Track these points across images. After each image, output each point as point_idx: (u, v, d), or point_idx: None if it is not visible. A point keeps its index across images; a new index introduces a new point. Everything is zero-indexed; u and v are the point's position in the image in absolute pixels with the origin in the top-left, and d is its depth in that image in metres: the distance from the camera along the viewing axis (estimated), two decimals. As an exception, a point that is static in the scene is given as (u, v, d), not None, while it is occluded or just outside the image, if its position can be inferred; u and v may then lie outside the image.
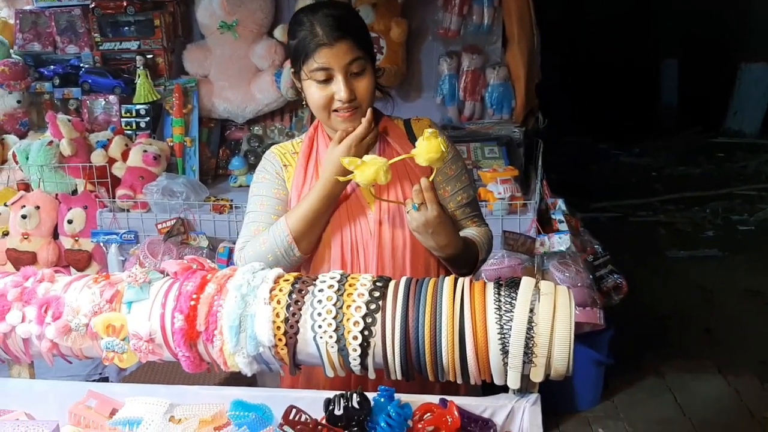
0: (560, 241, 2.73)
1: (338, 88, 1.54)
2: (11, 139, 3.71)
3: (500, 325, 1.19)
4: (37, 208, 3.35)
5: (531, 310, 1.19)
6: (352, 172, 1.49)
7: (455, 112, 3.68)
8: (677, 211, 6.11)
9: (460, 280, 1.28)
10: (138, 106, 3.67)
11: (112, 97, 3.70)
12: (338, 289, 1.28)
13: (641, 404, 3.35)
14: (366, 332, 1.23)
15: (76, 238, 3.29)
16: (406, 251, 1.63)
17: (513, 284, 1.25)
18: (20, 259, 3.29)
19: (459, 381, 1.25)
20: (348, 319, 1.24)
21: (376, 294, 1.26)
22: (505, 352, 1.19)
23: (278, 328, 1.26)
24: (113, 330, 1.30)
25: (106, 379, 3.16)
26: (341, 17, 1.55)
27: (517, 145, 3.45)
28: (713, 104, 8.25)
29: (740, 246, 5.34)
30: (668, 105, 9.01)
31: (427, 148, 1.49)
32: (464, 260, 1.64)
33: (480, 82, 3.63)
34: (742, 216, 5.90)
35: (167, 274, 1.39)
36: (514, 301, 1.21)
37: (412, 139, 1.66)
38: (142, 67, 3.64)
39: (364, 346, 1.24)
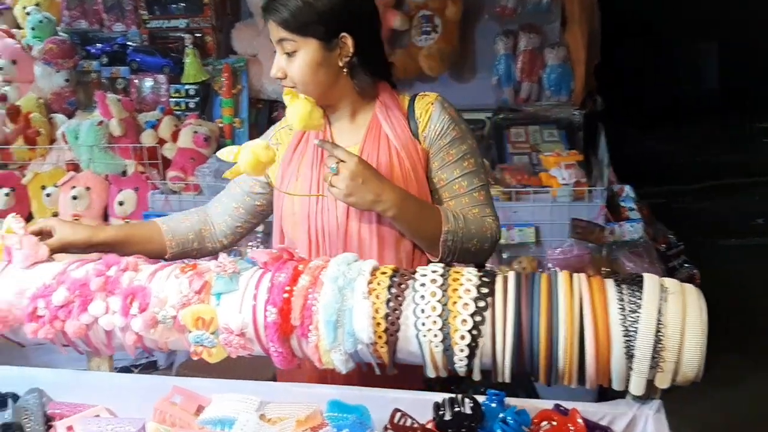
0: (632, 230, 2.62)
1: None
2: (59, 118, 3.67)
3: (624, 326, 1.10)
4: (88, 189, 3.32)
5: (659, 311, 1.09)
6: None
7: (511, 93, 3.57)
8: (723, 197, 5.93)
9: (576, 276, 1.18)
10: (187, 86, 3.62)
11: (160, 77, 3.65)
12: (442, 284, 1.19)
13: (706, 397, 3.24)
14: (474, 331, 1.15)
15: (127, 221, 3.24)
16: (373, 240, 1.52)
17: (635, 282, 1.15)
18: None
19: (573, 385, 1.17)
20: (455, 317, 1.16)
21: (485, 290, 1.17)
22: (629, 356, 1.10)
23: (378, 324, 1.18)
24: (203, 323, 1.23)
25: (154, 363, 3.13)
26: None
27: (577, 128, 3.33)
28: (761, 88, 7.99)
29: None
30: (711, 88, 8.76)
31: (293, 112, 1.41)
32: (420, 219, 1.48)
33: (537, 63, 3.51)
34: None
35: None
36: (639, 301, 1.11)
37: (413, 115, 1.55)
38: (190, 46, 3.58)
39: (473, 346, 1.15)
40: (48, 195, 3.38)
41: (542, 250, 2.83)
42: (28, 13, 3.76)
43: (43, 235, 1.48)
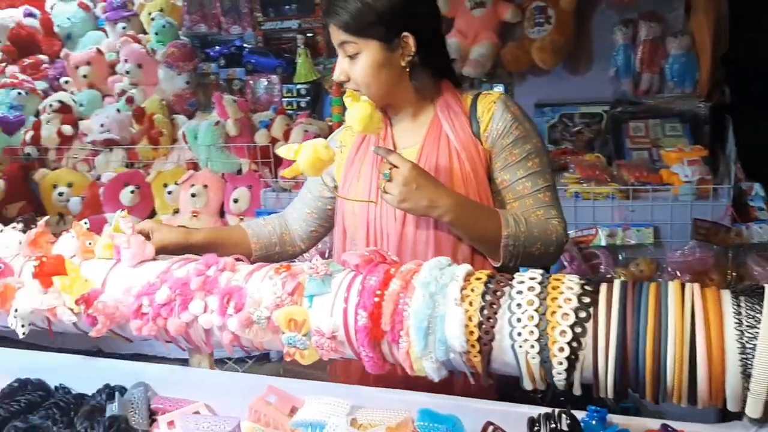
0: (761, 232, 2.41)
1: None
2: (181, 119, 3.85)
3: (741, 343, 0.99)
4: (205, 186, 3.45)
5: (783, 328, 0.98)
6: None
7: (630, 85, 3.38)
8: None
9: (688, 285, 1.08)
10: (298, 86, 3.69)
11: (273, 77, 3.74)
12: (540, 292, 1.12)
13: None
14: (574, 343, 1.07)
15: (241, 217, 3.35)
16: (429, 245, 1.47)
17: (755, 293, 1.04)
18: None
19: (683, 404, 1.07)
20: (553, 328, 1.09)
21: (586, 300, 1.09)
22: (746, 376, 0.99)
23: (471, 333, 1.13)
24: (295, 324, 1.22)
25: (267, 355, 3.20)
26: None
27: (702, 121, 3.11)
28: None
29: None
30: None
31: (353, 115, 1.35)
32: (478, 224, 1.42)
33: (659, 53, 3.30)
34: None
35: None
36: (758, 315, 1.00)
37: (475, 115, 1.49)
38: (302, 46, 3.64)
39: (572, 359, 1.08)
40: (169, 192, 3.55)
41: (662, 251, 2.66)
42: (152, 19, 3.96)
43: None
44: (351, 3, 1.43)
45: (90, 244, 1.46)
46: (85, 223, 1.51)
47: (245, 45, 3.86)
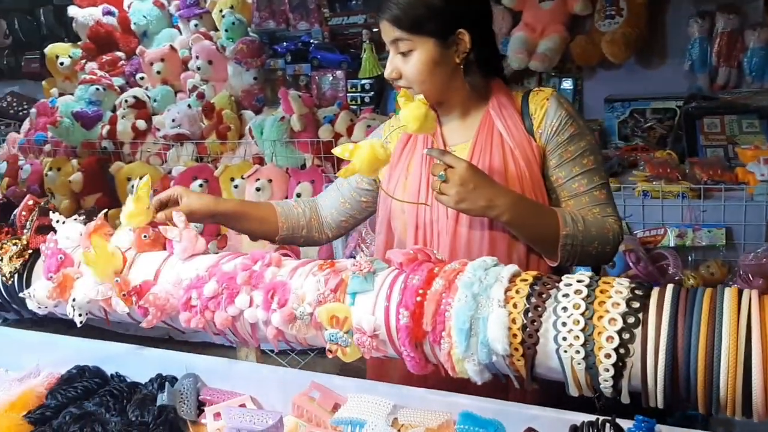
0: None
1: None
2: (248, 114, 3.91)
3: (804, 356, 0.93)
4: (270, 181, 3.50)
5: None
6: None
7: (706, 79, 3.25)
8: None
9: (746, 292, 1.02)
10: (363, 81, 3.69)
11: (338, 73, 3.76)
12: (587, 296, 1.08)
13: None
14: (622, 350, 1.03)
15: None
16: (484, 244, 1.43)
17: (821, 303, 0.97)
18: (253, 231, 3.46)
19: (737, 417, 1.01)
20: (600, 333, 1.04)
21: (636, 305, 1.05)
22: (809, 392, 0.93)
23: (514, 335, 1.10)
24: (337, 321, 1.22)
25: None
26: None
27: (783, 117, 2.95)
28: None
29: None
30: None
31: (409, 114, 1.30)
32: (536, 223, 1.38)
33: (737, 46, 3.16)
34: None
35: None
36: (824, 327, 0.93)
37: (527, 112, 1.46)
38: (367, 42, 3.64)
39: (619, 366, 1.03)
40: (236, 186, 3.61)
41: (734, 254, 2.53)
42: (223, 16, 4.04)
43: (171, 202, 1.55)
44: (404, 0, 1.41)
45: (145, 237, 1.49)
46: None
47: (312, 41, 3.89)
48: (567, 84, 3.56)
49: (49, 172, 4.17)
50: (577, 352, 1.05)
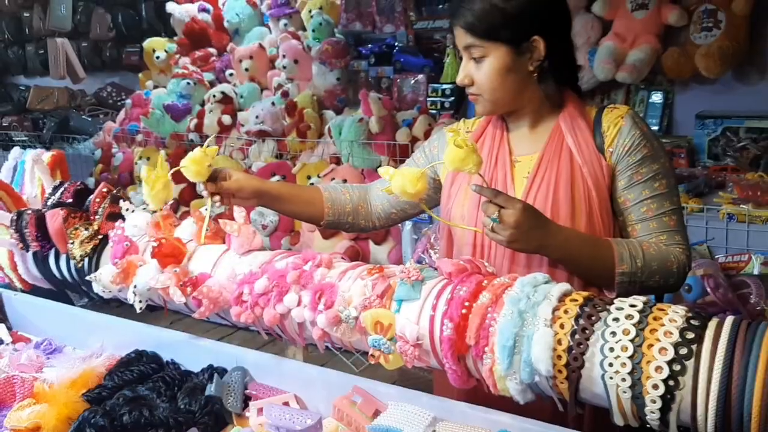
0: None
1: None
2: (329, 114, 3.96)
3: None
4: (345, 181, 3.52)
5: None
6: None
7: (808, 100, 3.04)
8: None
9: (814, 332, 0.95)
10: (444, 86, 3.66)
11: (420, 76, 3.75)
12: (639, 321, 1.03)
13: None
14: (671, 382, 0.97)
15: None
16: (544, 258, 1.37)
17: None
18: (326, 231, 3.49)
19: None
20: (648, 362, 0.99)
21: (690, 335, 0.99)
22: None
23: (559, 357, 1.06)
24: (381, 328, 1.21)
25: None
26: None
27: None
28: None
29: None
30: None
31: (452, 154, 1.25)
32: (590, 262, 1.34)
33: None
34: None
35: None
36: None
37: (599, 128, 1.40)
38: (451, 47, 3.61)
39: (667, 398, 0.98)
40: (311, 185, 3.66)
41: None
42: (311, 16, 4.10)
43: (220, 178, 1.56)
44: (478, 4, 1.38)
45: (207, 230, 1.53)
46: (207, 209, 1.58)
47: (396, 44, 3.90)
48: (657, 97, 3.41)
49: (138, 161, 4.35)
50: (623, 380, 1.01)
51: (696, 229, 2.58)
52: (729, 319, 1.00)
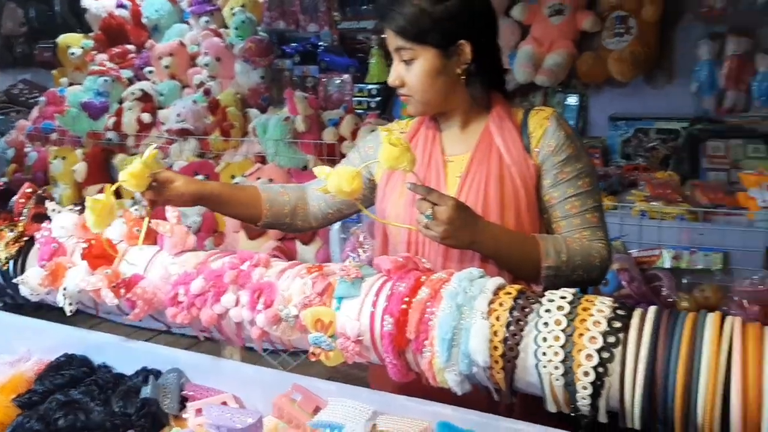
0: (842, 267, 2.26)
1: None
2: (253, 112, 3.93)
3: (782, 385, 0.93)
4: (271, 180, 3.50)
5: (829, 373, 0.91)
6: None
7: (712, 102, 3.24)
8: None
9: (729, 319, 1.02)
10: (370, 86, 3.69)
11: (346, 76, 3.77)
12: (569, 312, 1.08)
13: None
14: (600, 369, 1.03)
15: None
16: (476, 254, 1.42)
17: (803, 333, 0.97)
18: (252, 228, 3.47)
19: (715, 443, 1.01)
20: (579, 351, 1.05)
21: (617, 324, 1.05)
22: (786, 422, 0.93)
23: (495, 348, 1.10)
24: (322, 325, 1.22)
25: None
26: (397, 1, 1.41)
27: (788, 144, 2.94)
28: None
29: None
30: None
31: (383, 153, 1.30)
32: (519, 257, 1.39)
33: (747, 70, 3.15)
34: None
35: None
36: (803, 357, 0.93)
37: (526, 129, 1.46)
38: (376, 47, 3.65)
39: (597, 384, 1.03)
40: (240, 184, 3.62)
41: (730, 279, 2.52)
42: (234, 14, 4.06)
43: (160, 185, 1.53)
44: (408, 8, 1.41)
45: (137, 230, 1.50)
46: (136, 209, 1.56)
47: (321, 43, 3.90)
48: (572, 100, 3.56)
49: (53, 161, 4.19)
50: (556, 368, 1.06)
51: (611, 225, 2.67)
52: (652, 309, 1.07)
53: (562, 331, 1.06)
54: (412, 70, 1.44)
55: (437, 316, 1.14)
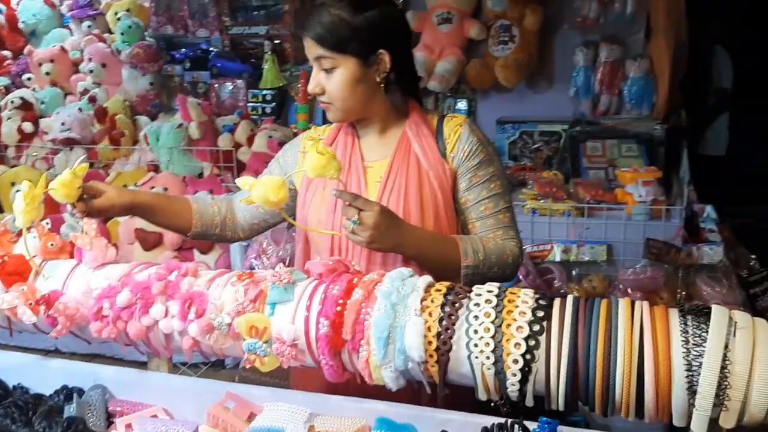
0: (711, 253, 2.50)
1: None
2: (143, 120, 3.82)
3: (688, 360, 1.04)
4: (166, 189, 3.42)
5: (726, 346, 1.03)
6: None
7: (589, 105, 3.46)
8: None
9: (638, 303, 1.13)
10: (264, 92, 3.69)
11: (239, 82, 3.74)
12: (497, 305, 1.16)
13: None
14: (528, 356, 1.11)
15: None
16: (398, 256, 1.49)
17: (701, 313, 1.09)
18: (147, 239, 3.38)
19: (631, 418, 1.12)
20: (508, 340, 1.12)
21: (541, 314, 1.14)
22: (691, 392, 1.04)
23: (430, 343, 1.16)
24: (256, 331, 1.24)
25: (222, 362, 3.18)
26: (317, 11, 1.47)
27: (658, 143, 3.21)
28: None
29: None
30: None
31: (309, 162, 1.36)
32: (440, 258, 1.47)
33: (618, 75, 3.39)
34: None
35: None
36: (704, 334, 1.05)
37: (441, 136, 1.55)
38: (269, 53, 3.65)
39: (525, 371, 1.12)
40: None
41: (614, 269, 2.73)
42: (118, 19, 3.92)
43: (90, 197, 1.51)
44: (327, 18, 1.46)
45: (52, 245, 1.45)
46: (47, 223, 1.51)
47: (211, 48, 3.85)
48: (462, 105, 3.70)
49: None
50: (488, 357, 1.13)
51: (506, 223, 2.85)
52: (570, 298, 1.17)
53: (492, 322, 1.14)
54: (332, 79, 1.48)
55: (372, 315, 1.19)
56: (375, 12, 1.47)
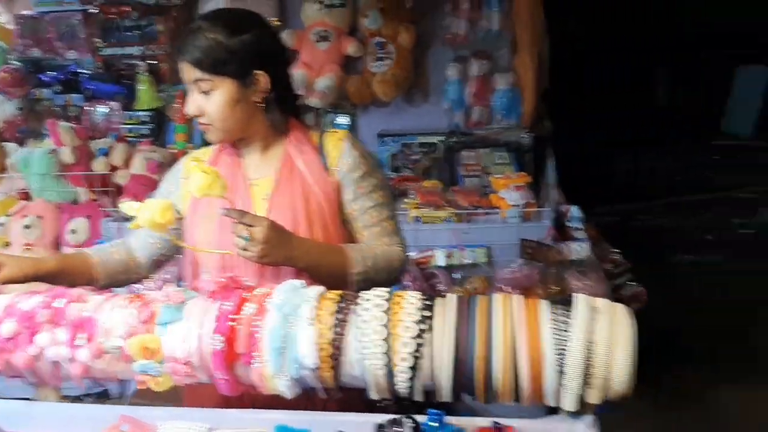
0: (579, 250, 2.70)
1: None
2: (11, 146, 3.64)
3: (557, 345, 1.16)
4: (40, 217, 3.28)
5: (589, 330, 1.15)
6: None
7: (462, 117, 3.62)
8: (676, 215, 6.09)
9: (514, 297, 1.24)
10: (140, 113, 3.61)
11: (114, 104, 3.64)
12: (387, 309, 1.23)
13: (657, 415, 3.30)
14: (416, 353, 1.19)
15: (80, 249, 3.22)
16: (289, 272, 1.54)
17: (566, 302, 1.21)
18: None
19: (510, 403, 1.21)
20: (396, 340, 1.20)
21: (426, 313, 1.22)
22: (561, 374, 1.15)
23: (322, 349, 1.22)
24: (149, 352, 1.25)
25: (105, 392, 3.07)
26: (192, 35, 1.51)
27: (526, 151, 3.42)
28: (709, 107, 8.19)
29: (742, 250, 5.32)
30: (665, 107, 8.97)
31: (193, 181, 1.42)
32: (329, 268, 1.52)
33: (488, 88, 3.58)
34: (744, 220, 5.90)
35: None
36: (570, 320, 1.17)
37: (323, 151, 1.62)
38: (144, 73, 3.58)
39: (413, 368, 1.19)
40: (0, 224, 3.33)
41: (494, 270, 2.89)
42: (-21, 42, 3.73)
43: None
44: (204, 41, 1.49)
45: None
46: None
47: (82, 71, 3.73)
48: (343, 120, 3.77)
49: None
50: (379, 359, 1.20)
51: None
52: (452, 296, 1.26)
53: (383, 325, 1.20)
54: (211, 100, 1.51)
55: (266, 327, 1.22)
56: (250, 34, 1.51)
